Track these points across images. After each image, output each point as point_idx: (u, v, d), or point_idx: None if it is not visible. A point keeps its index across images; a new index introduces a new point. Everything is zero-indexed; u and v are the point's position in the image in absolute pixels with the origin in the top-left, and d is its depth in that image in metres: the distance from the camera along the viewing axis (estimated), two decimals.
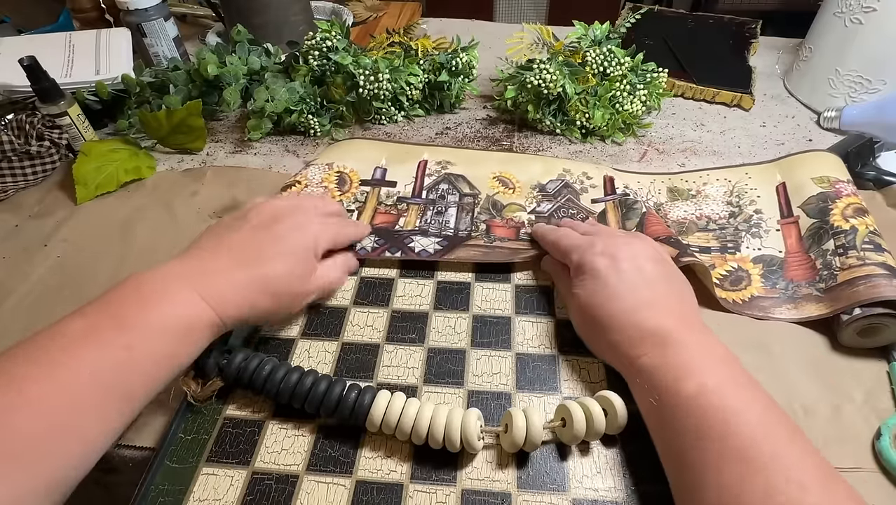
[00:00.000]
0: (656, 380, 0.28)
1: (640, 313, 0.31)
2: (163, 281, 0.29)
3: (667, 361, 0.29)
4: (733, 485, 0.23)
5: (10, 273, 0.43)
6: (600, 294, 0.33)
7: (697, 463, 0.25)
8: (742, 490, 0.23)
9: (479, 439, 0.30)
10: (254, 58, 0.59)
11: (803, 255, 0.40)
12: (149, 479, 0.30)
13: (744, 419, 0.25)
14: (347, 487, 0.30)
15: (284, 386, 0.31)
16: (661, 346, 0.30)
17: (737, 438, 0.24)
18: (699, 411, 0.26)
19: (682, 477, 0.26)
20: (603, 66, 0.55)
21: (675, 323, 0.31)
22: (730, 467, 0.24)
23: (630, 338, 0.31)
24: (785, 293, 0.39)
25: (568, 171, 0.49)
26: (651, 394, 0.29)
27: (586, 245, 0.35)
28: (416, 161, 0.51)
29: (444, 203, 0.46)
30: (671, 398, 0.27)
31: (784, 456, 0.24)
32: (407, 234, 0.44)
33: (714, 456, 0.24)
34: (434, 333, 0.38)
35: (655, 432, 0.29)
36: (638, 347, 0.30)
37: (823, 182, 0.43)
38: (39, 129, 0.52)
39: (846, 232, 0.39)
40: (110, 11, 0.72)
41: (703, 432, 0.25)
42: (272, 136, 0.59)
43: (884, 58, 0.53)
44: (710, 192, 0.47)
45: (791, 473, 0.23)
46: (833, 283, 0.37)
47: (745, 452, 0.24)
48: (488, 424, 0.32)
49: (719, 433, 0.25)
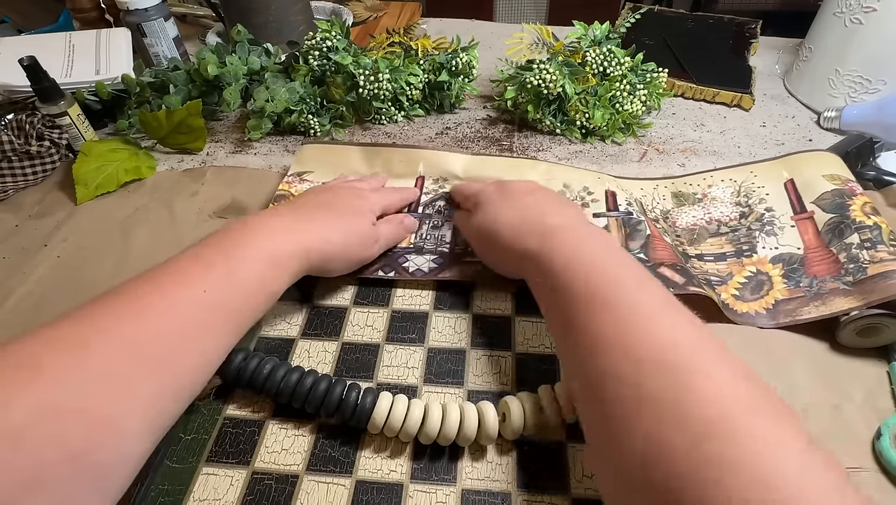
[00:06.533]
0: (538, 261, 0.32)
1: (525, 213, 0.35)
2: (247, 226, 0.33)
3: (544, 244, 0.32)
4: (590, 329, 0.26)
5: (10, 273, 0.43)
6: (491, 212, 0.37)
7: (570, 315, 0.28)
8: (598, 330, 0.26)
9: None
10: (254, 58, 0.59)
11: (824, 249, 0.39)
12: (149, 479, 0.30)
13: (598, 274, 0.28)
14: (347, 487, 0.30)
15: (284, 386, 0.31)
16: (542, 232, 0.33)
17: (589, 289, 0.28)
18: (565, 277, 0.29)
19: (559, 329, 0.30)
20: (603, 66, 0.55)
21: (554, 212, 0.35)
22: (585, 313, 0.27)
23: (516, 234, 0.35)
24: (810, 290, 0.37)
25: (568, 187, 0.48)
26: (536, 274, 0.32)
27: (483, 186, 0.42)
28: (412, 178, 0.49)
29: (441, 218, 0.46)
30: (547, 273, 0.31)
31: (634, 297, 0.26)
32: (401, 252, 0.43)
33: (579, 305, 0.27)
34: (434, 333, 0.38)
35: (542, 304, 0.32)
36: (523, 238, 0.34)
37: (836, 179, 0.42)
38: (39, 129, 0.52)
39: (871, 227, 0.38)
40: (110, 11, 0.72)
41: (567, 292, 0.28)
42: (272, 136, 0.59)
43: (884, 58, 0.53)
44: (717, 193, 0.46)
45: (641, 307, 0.26)
46: (863, 275, 0.35)
47: (605, 299, 0.27)
48: None
49: (579, 290, 0.28)
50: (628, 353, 0.24)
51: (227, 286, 0.29)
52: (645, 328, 0.25)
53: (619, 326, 0.25)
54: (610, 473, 0.24)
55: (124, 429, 0.24)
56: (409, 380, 0.35)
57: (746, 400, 0.21)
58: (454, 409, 0.31)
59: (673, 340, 0.24)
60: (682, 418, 0.21)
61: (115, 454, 0.23)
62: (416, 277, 0.41)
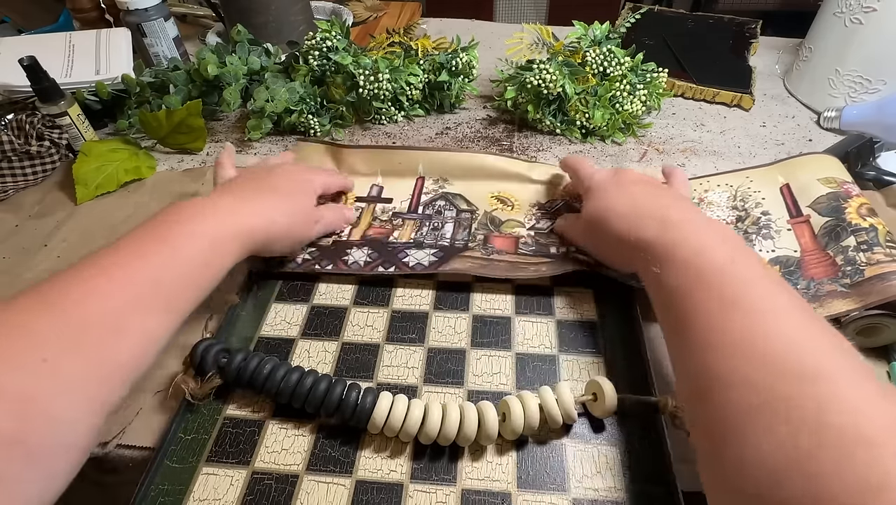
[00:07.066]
0: (657, 250, 0.31)
1: (640, 202, 0.35)
2: (194, 206, 0.33)
3: (666, 234, 0.31)
4: (715, 327, 0.25)
5: (10, 273, 0.43)
6: (603, 200, 0.37)
7: (690, 310, 0.27)
8: (724, 329, 0.25)
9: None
10: (254, 58, 0.59)
11: (821, 252, 0.39)
12: (149, 479, 0.30)
13: (729, 273, 0.27)
14: (347, 487, 0.30)
15: (284, 386, 0.31)
16: (661, 221, 0.32)
17: (721, 288, 0.27)
18: (690, 270, 0.28)
19: (676, 325, 0.28)
20: (603, 66, 0.55)
21: (672, 205, 0.34)
22: (713, 312, 0.26)
23: (631, 223, 0.34)
24: (808, 293, 0.38)
25: (568, 193, 0.48)
26: (654, 263, 0.31)
27: (593, 171, 0.41)
28: (412, 178, 0.49)
29: (441, 218, 0.45)
30: (670, 263, 0.30)
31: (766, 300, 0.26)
32: (401, 247, 0.43)
33: (704, 301, 0.27)
34: (434, 333, 0.38)
35: (657, 299, 0.31)
36: (639, 227, 0.33)
37: (831, 182, 0.42)
38: (39, 129, 0.52)
39: (867, 229, 0.38)
40: (110, 11, 0.72)
41: (692, 286, 0.28)
42: (272, 136, 0.59)
43: (884, 58, 0.53)
44: (714, 198, 0.47)
45: (780, 315, 0.25)
46: (860, 277, 0.36)
47: (728, 298, 0.26)
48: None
49: (706, 285, 0.27)
50: (763, 358, 0.23)
51: (170, 267, 0.29)
52: (781, 333, 0.24)
53: (753, 329, 0.24)
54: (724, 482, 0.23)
55: (54, 412, 0.23)
56: (409, 380, 0.35)
57: (888, 419, 0.20)
58: (454, 409, 0.31)
59: (811, 349, 0.23)
60: (823, 432, 0.20)
61: (49, 440, 0.23)
62: (416, 270, 0.41)
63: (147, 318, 0.28)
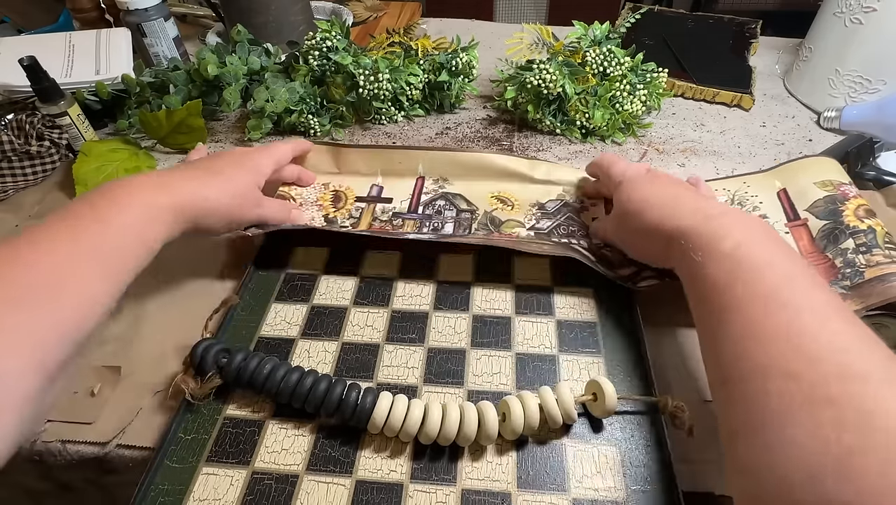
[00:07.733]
0: (699, 239, 0.31)
1: (677, 193, 0.36)
2: (129, 180, 0.34)
3: (708, 224, 0.31)
4: (757, 319, 0.26)
5: None
6: (638, 192, 0.37)
7: (730, 301, 0.27)
8: (766, 323, 0.25)
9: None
10: (254, 58, 0.59)
11: (820, 255, 0.40)
12: (149, 479, 0.30)
13: (772, 268, 0.27)
14: (347, 487, 0.30)
15: (284, 386, 0.31)
16: (700, 212, 0.33)
17: (764, 282, 0.27)
18: (733, 262, 0.28)
19: (710, 318, 0.29)
20: (603, 66, 0.55)
21: (709, 200, 0.35)
22: (756, 304, 0.26)
23: (668, 213, 0.34)
24: None
25: (568, 192, 0.48)
26: (695, 252, 0.31)
27: (628, 165, 0.42)
28: (412, 178, 0.49)
29: (441, 218, 0.45)
30: (711, 253, 0.30)
31: (807, 297, 0.26)
32: (401, 235, 0.43)
33: (741, 295, 0.27)
34: (434, 333, 0.38)
35: (693, 288, 0.31)
36: (678, 217, 0.33)
37: (827, 186, 0.43)
38: (39, 129, 0.52)
39: (865, 231, 0.38)
40: (110, 11, 0.72)
41: (734, 277, 0.28)
42: (272, 136, 0.59)
43: (884, 58, 0.53)
44: None
45: (821, 313, 0.25)
46: (860, 279, 0.36)
47: (772, 292, 0.26)
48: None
49: (749, 278, 0.27)
50: (804, 354, 0.23)
51: (99, 235, 0.30)
52: (823, 331, 0.24)
53: (795, 324, 0.24)
54: (751, 459, 0.23)
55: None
56: (409, 380, 0.35)
57: None
58: (454, 409, 0.31)
59: (855, 350, 0.23)
60: (868, 434, 0.20)
61: None
62: (420, 237, 0.42)
63: (86, 282, 0.29)
